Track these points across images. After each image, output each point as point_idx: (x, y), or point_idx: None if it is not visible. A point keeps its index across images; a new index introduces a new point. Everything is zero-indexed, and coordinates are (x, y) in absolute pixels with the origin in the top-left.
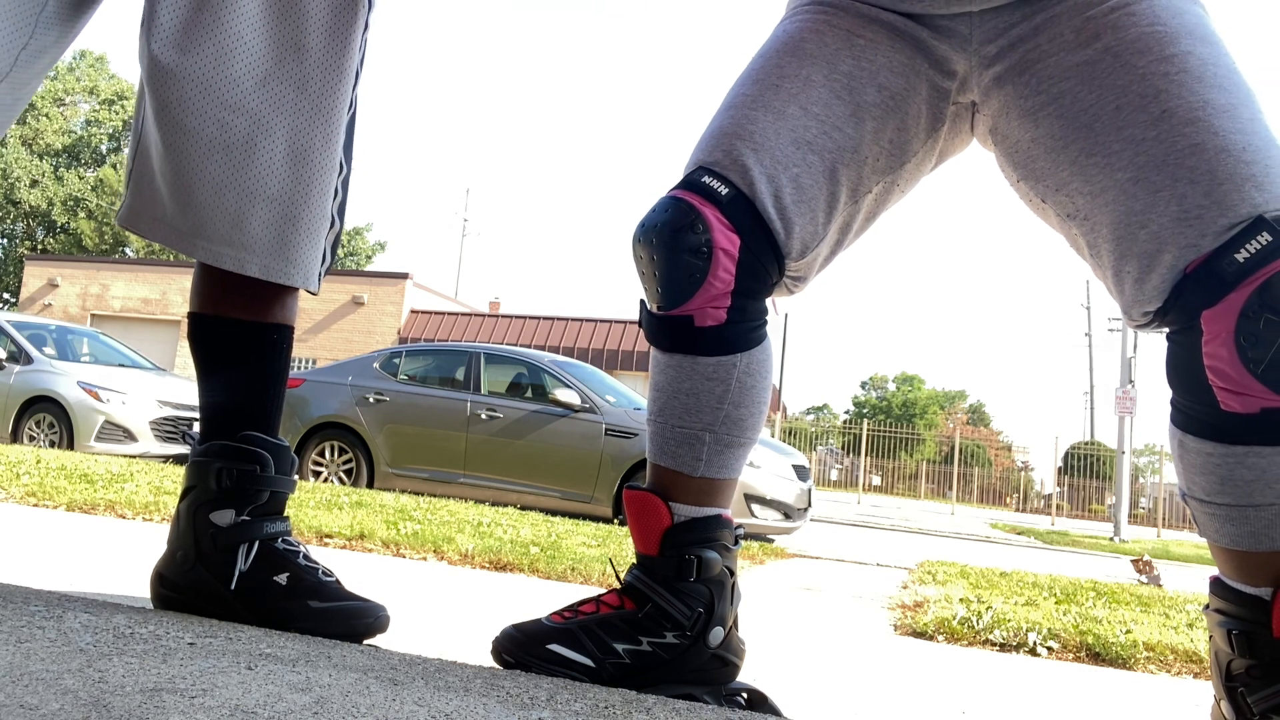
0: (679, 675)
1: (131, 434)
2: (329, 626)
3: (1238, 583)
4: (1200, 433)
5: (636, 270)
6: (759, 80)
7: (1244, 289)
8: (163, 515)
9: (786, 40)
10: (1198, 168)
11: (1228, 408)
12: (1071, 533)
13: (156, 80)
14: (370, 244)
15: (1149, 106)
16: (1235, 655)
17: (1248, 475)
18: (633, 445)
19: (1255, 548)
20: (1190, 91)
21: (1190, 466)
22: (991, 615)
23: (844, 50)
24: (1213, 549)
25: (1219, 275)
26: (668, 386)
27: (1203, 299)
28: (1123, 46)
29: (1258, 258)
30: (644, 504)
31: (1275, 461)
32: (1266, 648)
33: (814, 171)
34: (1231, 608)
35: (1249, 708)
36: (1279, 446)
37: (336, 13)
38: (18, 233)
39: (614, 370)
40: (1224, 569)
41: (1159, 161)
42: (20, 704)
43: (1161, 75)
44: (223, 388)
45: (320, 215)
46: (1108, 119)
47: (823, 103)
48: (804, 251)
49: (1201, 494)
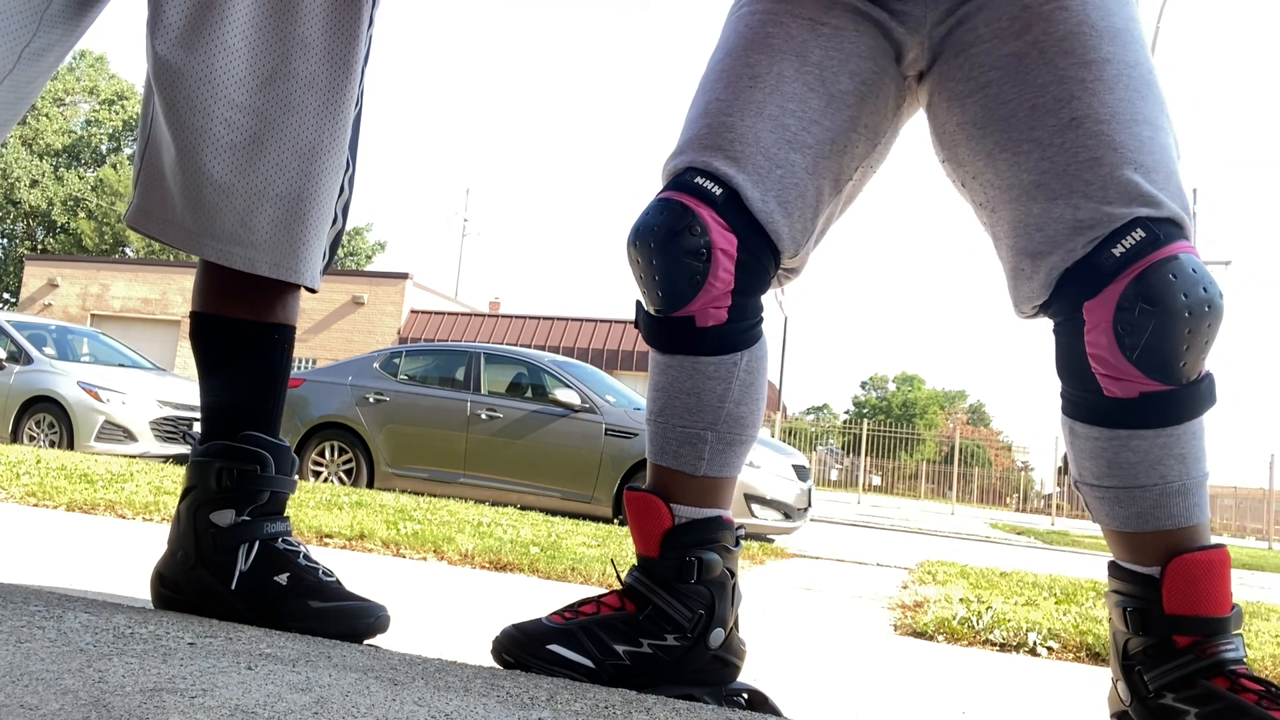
0: (679, 677)
1: (131, 434)
2: (329, 626)
3: (1131, 564)
4: (1087, 419)
5: (633, 274)
6: (732, 81)
7: (1121, 281)
8: (163, 515)
9: (750, 35)
10: (1093, 182)
11: (1110, 394)
12: (1071, 533)
13: (163, 80)
14: (370, 244)
15: (1060, 111)
16: (1131, 633)
17: (1132, 458)
18: (633, 445)
19: (1143, 528)
20: (1100, 102)
21: (1080, 452)
22: (991, 615)
23: (811, 40)
24: (1106, 534)
25: (1098, 268)
26: (669, 387)
27: (1083, 291)
28: (1049, 43)
29: (1133, 252)
30: (645, 505)
31: (1156, 444)
32: (1159, 623)
33: (799, 168)
34: (1126, 587)
35: (1145, 685)
36: (1159, 429)
37: (340, 10)
38: (18, 233)
39: (614, 370)
40: (1118, 552)
41: (1060, 169)
42: (20, 704)
43: (1078, 81)
44: (224, 387)
45: (326, 213)
46: (1023, 117)
47: (799, 98)
48: (798, 247)
49: (1091, 478)
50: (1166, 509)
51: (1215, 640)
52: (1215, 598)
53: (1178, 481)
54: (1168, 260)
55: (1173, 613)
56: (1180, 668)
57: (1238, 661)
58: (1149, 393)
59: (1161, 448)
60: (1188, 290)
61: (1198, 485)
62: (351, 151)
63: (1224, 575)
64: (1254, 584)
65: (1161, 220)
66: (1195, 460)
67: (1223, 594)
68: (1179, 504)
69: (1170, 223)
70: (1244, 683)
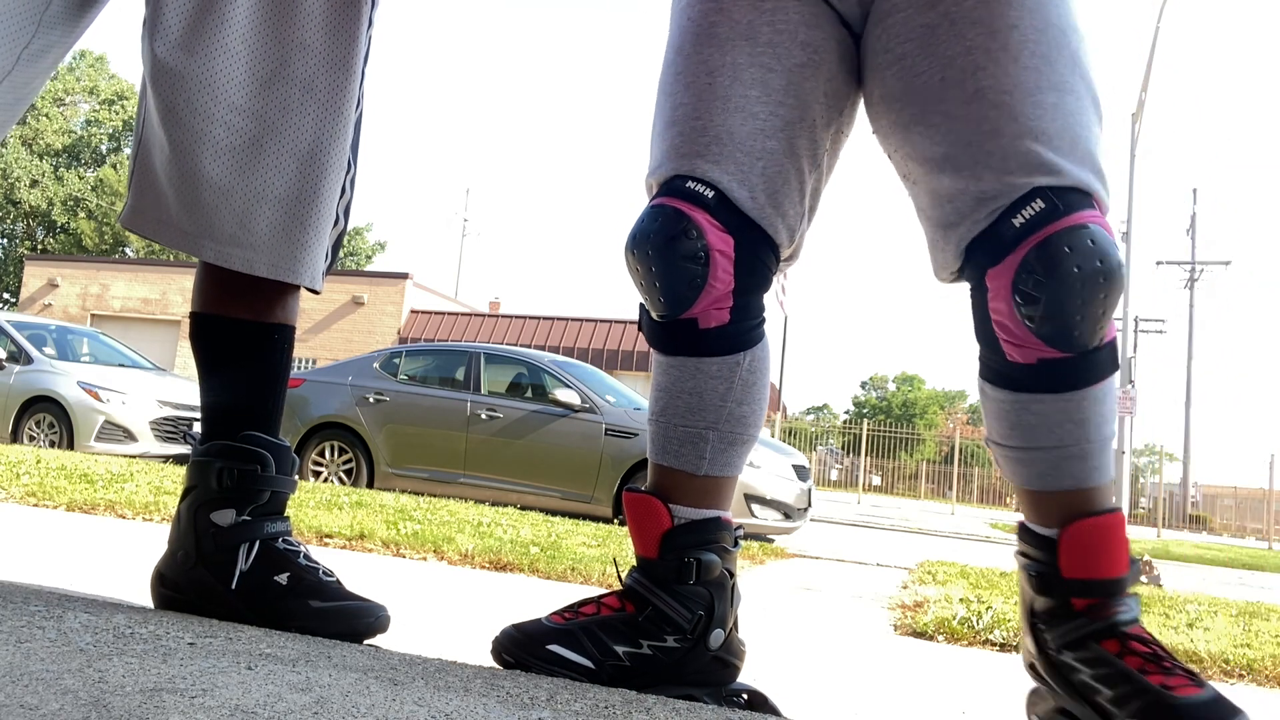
0: (679, 678)
1: (131, 434)
2: (329, 626)
3: (1034, 525)
4: (995, 381)
5: (633, 281)
6: (691, 83)
7: (1020, 250)
8: (163, 515)
9: (696, 31)
10: (994, 153)
11: (1011, 358)
12: None
13: (161, 82)
14: (370, 244)
15: (965, 83)
16: (1035, 595)
17: (1032, 420)
18: (633, 445)
19: (1043, 488)
20: (1004, 72)
21: (990, 413)
22: (991, 615)
23: (756, 20)
24: (1016, 494)
25: (1000, 238)
26: (671, 387)
27: (987, 260)
28: (960, 13)
29: (1032, 222)
30: (644, 506)
31: (1055, 408)
32: (1058, 586)
33: (777, 155)
34: (1031, 550)
35: (1048, 643)
36: (1057, 394)
37: (339, 12)
38: (18, 233)
39: (614, 370)
40: (1025, 513)
41: (965, 141)
42: (20, 704)
43: (984, 51)
44: (224, 388)
45: (327, 214)
46: (934, 90)
47: (760, 82)
48: (793, 235)
49: (999, 438)
50: (1065, 470)
51: (1110, 603)
52: (1110, 559)
53: (1075, 445)
54: (1064, 231)
55: (1070, 576)
56: (1076, 629)
57: (1131, 623)
58: (1047, 359)
59: (1060, 412)
60: (1081, 261)
61: (1098, 450)
62: (353, 153)
63: (1119, 537)
64: (1254, 584)
65: (1063, 189)
66: (1095, 425)
67: (1117, 555)
68: (1077, 467)
69: (1074, 191)
70: (1133, 645)
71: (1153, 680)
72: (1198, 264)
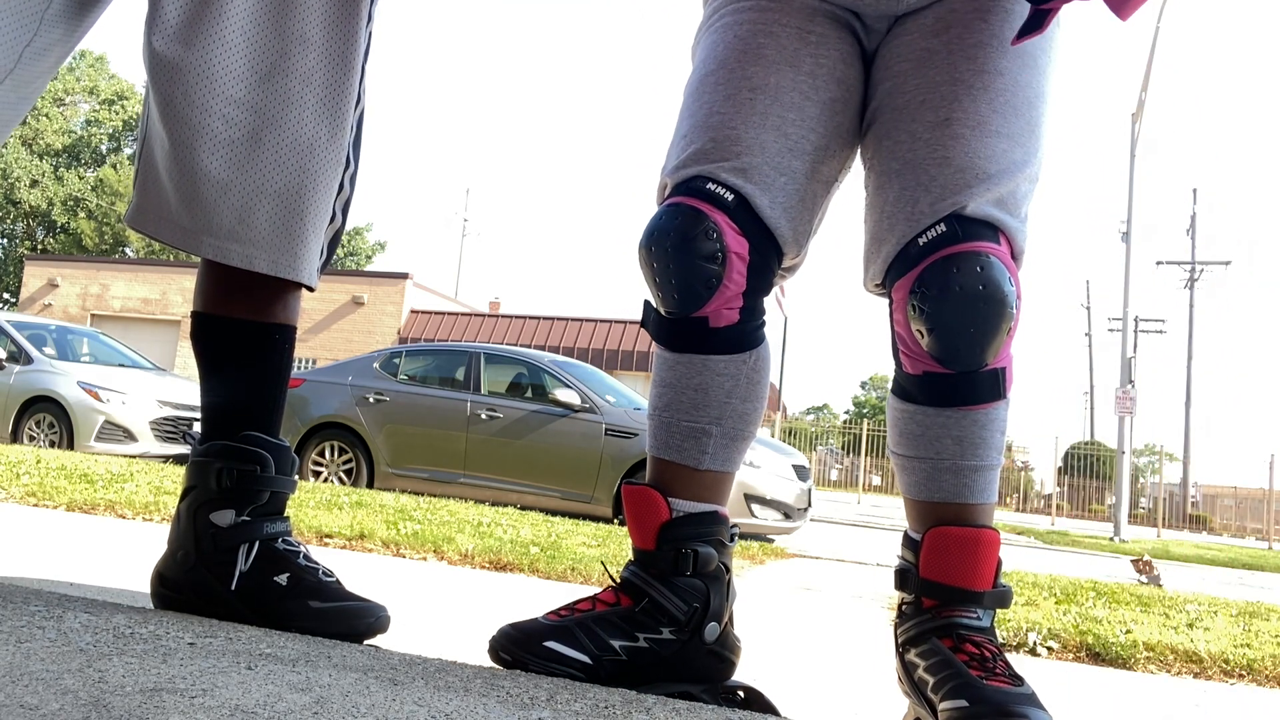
0: (676, 672)
1: (131, 434)
2: (329, 626)
3: (911, 530)
4: (894, 390)
5: (646, 277)
6: (732, 95)
7: (919, 268)
8: (163, 515)
9: (743, 47)
10: (936, 179)
11: (905, 369)
12: (1071, 533)
13: (159, 76)
14: (370, 244)
15: (939, 109)
16: (897, 589)
17: (914, 430)
18: (633, 445)
19: (918, 496)
20: (976, 109)
21: (889, 420)
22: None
23: (802, 49)
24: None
25: (907, 254)
26: (676, 383)
27: (896, 274)
28: (958, 46)
29: (933, 243)
30: (642, 498)
31: (935, 422)
32: (914, 585)
33: (801, 174)
34: (905, 551)
35: (899, 644)
36: (937, 409)
37: (339, 5)
38: (18, 233)
39: (614, 370)
40: (908, 520)
41: (916, 163)
42: (20, 704)
43: (965, 85)
44: (224, 387)
45: (323, 210)
46: (911, 110)
47: (797, 107)
48: (799, 248)
49: (891, 444)
50: (936, 483)
51: (959, 608)
52: (968, 571)
53: (950, 461)
54: (957, 255)
55: (925, 577)
56: (919, 624)
57: (974, 630)
58: (930, 373)
59: (939, 426)
60: (964, 282)
61: (973, 470)
62: (353, 149)
63: (981, 555)
64: (1254, 584)
65: (971, 220)
66: (973, 446)
67: (978, 572)
68: (950, 481)
69: (981, 223)
70: (967, 646)
71: (973, 673)
72: (1198, 264)
